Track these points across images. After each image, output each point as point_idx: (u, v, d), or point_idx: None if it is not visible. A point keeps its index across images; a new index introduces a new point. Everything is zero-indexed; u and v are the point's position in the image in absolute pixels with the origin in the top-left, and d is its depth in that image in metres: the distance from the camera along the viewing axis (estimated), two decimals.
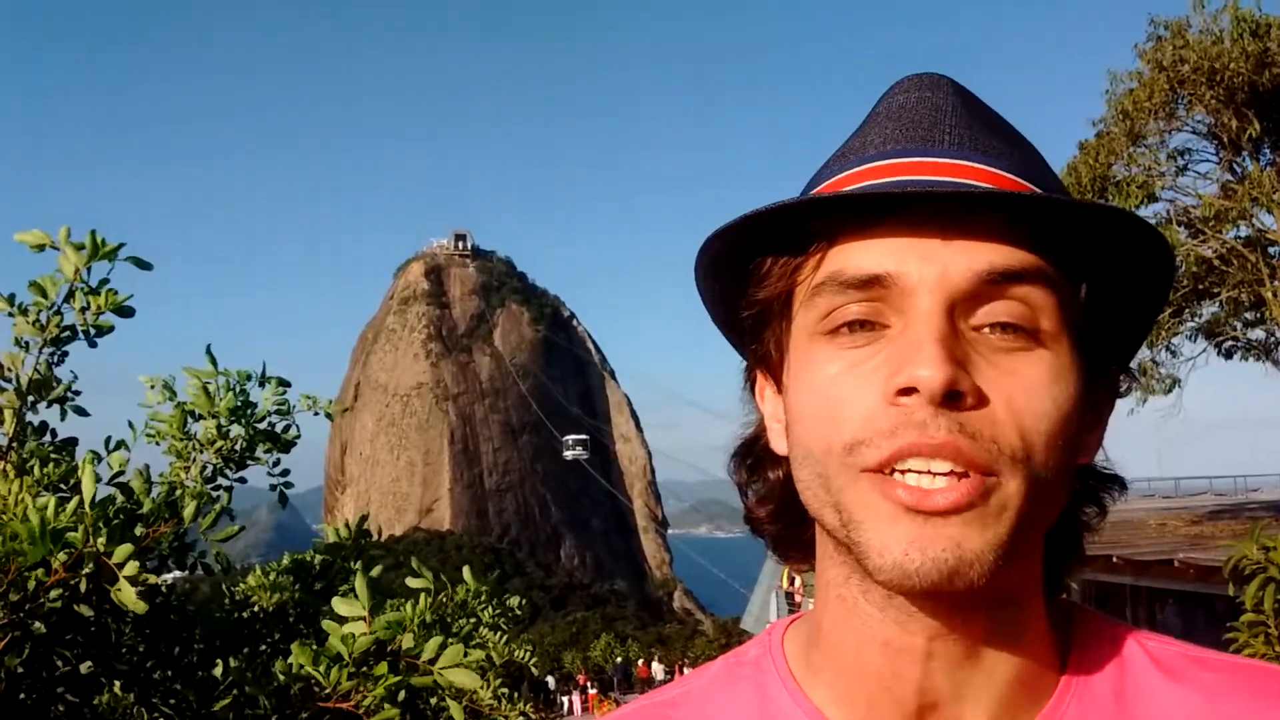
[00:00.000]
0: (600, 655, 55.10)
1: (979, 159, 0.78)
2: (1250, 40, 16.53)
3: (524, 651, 4.04)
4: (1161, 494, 33.89)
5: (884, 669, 0.80)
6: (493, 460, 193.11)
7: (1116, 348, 0.85)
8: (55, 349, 2.34)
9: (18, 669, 2.00)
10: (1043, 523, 0.78)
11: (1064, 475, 0.77)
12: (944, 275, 0.74)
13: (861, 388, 0.74)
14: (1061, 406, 0.75)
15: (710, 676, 0.94)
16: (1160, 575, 16.65)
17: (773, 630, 0.94)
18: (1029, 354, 0.75)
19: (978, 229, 0.75)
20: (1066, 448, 0.76)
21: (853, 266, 0.76)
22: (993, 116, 0.84)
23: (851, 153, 0.83)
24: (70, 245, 2.22)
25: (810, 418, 0.78)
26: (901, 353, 0.73)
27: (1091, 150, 18.03)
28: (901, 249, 0.75)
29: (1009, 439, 0.72)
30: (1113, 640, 0.86)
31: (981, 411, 0.72)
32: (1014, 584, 0.79)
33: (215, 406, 2.58)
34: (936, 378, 0.70)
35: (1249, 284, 17.51)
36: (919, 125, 0.81)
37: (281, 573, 2.91)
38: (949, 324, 0.74)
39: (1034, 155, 0.83)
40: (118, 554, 1.87)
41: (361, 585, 1.89)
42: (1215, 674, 0.84)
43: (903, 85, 0.86)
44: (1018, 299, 0.75)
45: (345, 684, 1.88)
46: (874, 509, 0.73)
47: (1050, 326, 0.76)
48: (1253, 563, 3.92)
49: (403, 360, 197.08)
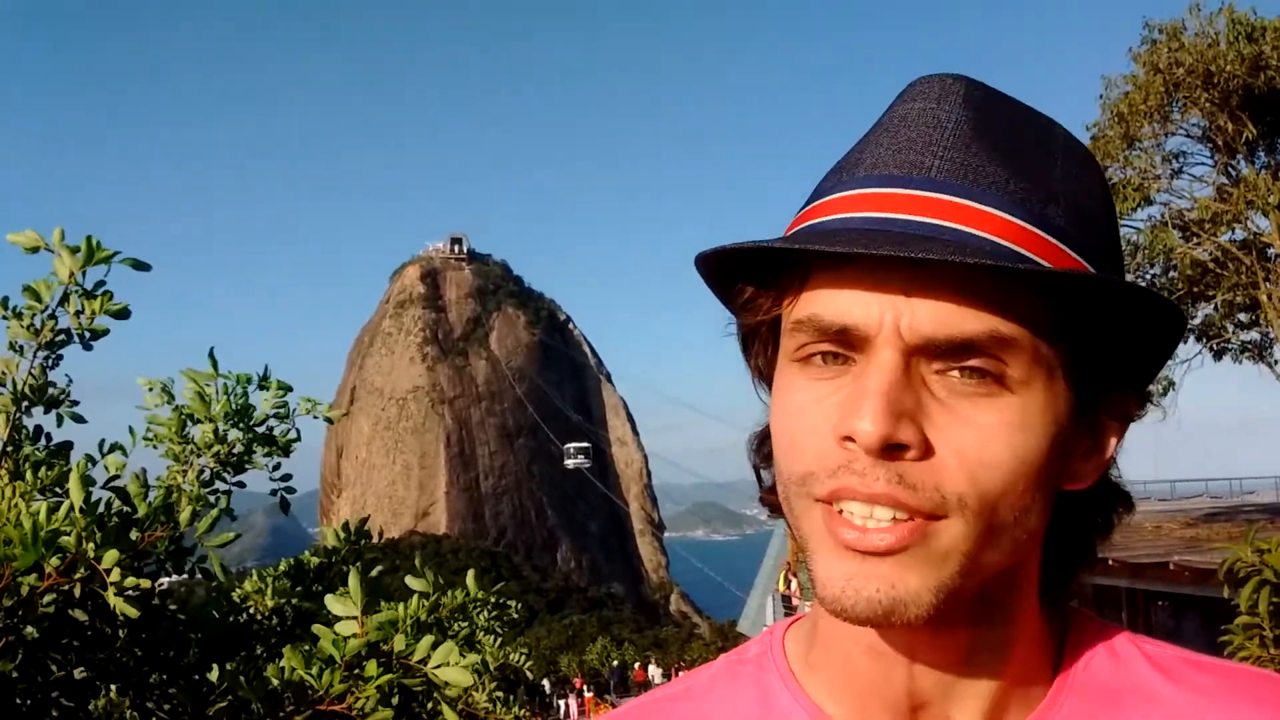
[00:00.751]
0: (596, 658, 55.06)
1: (966, 193, 0.75)
2: (1245, 43, 16.58)
3: (519, 655, 4.03)
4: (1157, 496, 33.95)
5: (873, 671, 0.82)
6: (489, 464, 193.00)
7: (1120, 379, 0.81)
8: (50, 353, 2.34)
9: (12, 674, 2.00)
10: (1000, 559, 0.77)
11: (1028, 514, 0.76)
12: (896, 329, 0.73)
13: (820, 423, 0.75)
14: (1021, 456, 0.74)
15: (712, 673, 0.95)
16: (1156, 578, 16.68)
17: (774, 630, 0.96)
18: (992, 400, 0.74)
19: (937, 284, 0.73)
20: (1030, 491, 0.75)
21: (828, 314, 0.76)
22: (1009, 128, 0.79)
23: (845, 169, 0.81)
24: (65, 248, 2.22)
25: (779, 444, 0.80)
26: (851, 399, 0.74)
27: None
28: (866, 297, 0.75)
29: (955, 487, 0.72)
30: (1108, 642, 0.87)
31: (926, 462, 0.72)
32: (1002, 595, 0.80)
33: (212, 411, 2.57)
34: (873, 434, 0.71)
35: (1244, 286, 17.57)
36: (912, 146, 0.77)
37: (279, 576, 2.90)
38: (902, 373, 0.73)
39: (1054, 175, 0.78)
40: (106, 560, 1.87)
41: (356, 584, 1.89)
42: (1212, 677, 0.84)
43: (910, 92, 0.82)
44: (980, 356, 0.73)
45: (338, 686, 1.88)
46: (822, 541, 0.76)
47: (1019, 374, 0.74)
48: (1248, 565, 3.92)
49: (399, 364, 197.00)
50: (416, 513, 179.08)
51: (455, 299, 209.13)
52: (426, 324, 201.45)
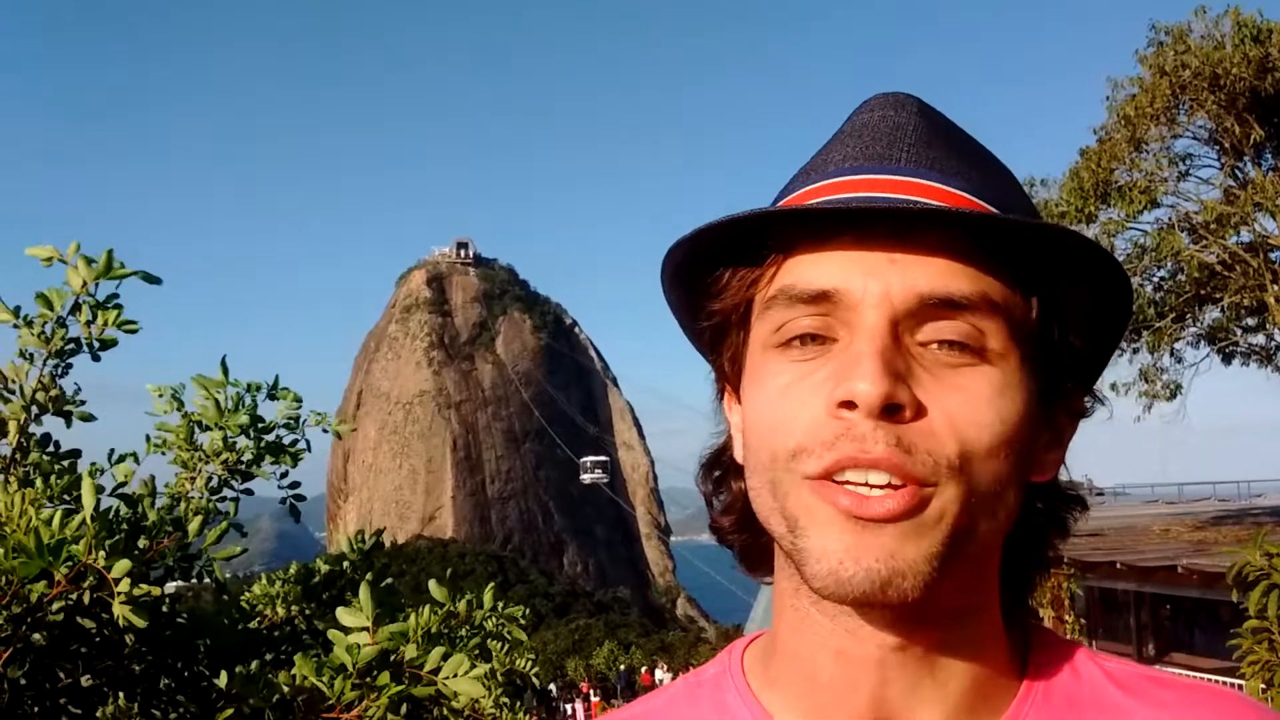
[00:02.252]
0: (603, 663, 54.98)
1: (934, 177, 0.79)
2: (1252, 45, 16.56)
3: (525, 661, 4.03)
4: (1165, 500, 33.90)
5: (838, 678, 0.81)
6: (495, 468, 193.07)
7: (1076, 367, 0.85)
8: (59, 361, 2.35)
9: (20, 681, 2.01)
10: (988, 535, 0.79)
11: (1008, 487, 0.78)
12: (887, 293, 0.75)
13: (808, 398, 0.76)
14: (1005, 419, 0.76)
15: (669, 695, 0.96)
16: (1164, 581, 16.64)
17: (733, 649, 0.96)
18: (974, 369, 0.76)
19: (924, 247, 0.76)
20: (1010, 460, 0.77)
21: (803, 281, 0.78)
22: (957, 136, 0.85)
23: (814, 169, 0.85)
24: (82, 259, 2.24)
25: (760, 427, 0.80)
26: (844, 366, 0.75)
27: (1093, 156, 18.04)
28: (849, 265, 0.77)
29: (946, 450, 0.74)
30: (1069, 657, 0.88)
31: (919, 424, 0.74)
32: (964, 597, 0.81)
33: (223, 419, 2.58)
34: (874, 392, 0.72)
35: (1251, 289, 17.52)
36: (878, 143, 0.82)
37: (287, 581, 2.90)
38: (891, 339, 0.75)
39: (997, 175, 0.85)
40: (116, 569, 1.87)
41: (366, 595, 1.89)
42: (1172, 692, 0.85)
43: (869, 104, 0.87)
44: (962, 319, 0.76)
45: (349, 695, 1.88)
46: (816, 514, 0.75)
47: (997, 345, 0.77)
48: (1256, 569, 3.92)
49: (405, 368, 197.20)
50: (423, 517, 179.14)
51: (461, 303, 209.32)
52: (432, 328, 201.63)
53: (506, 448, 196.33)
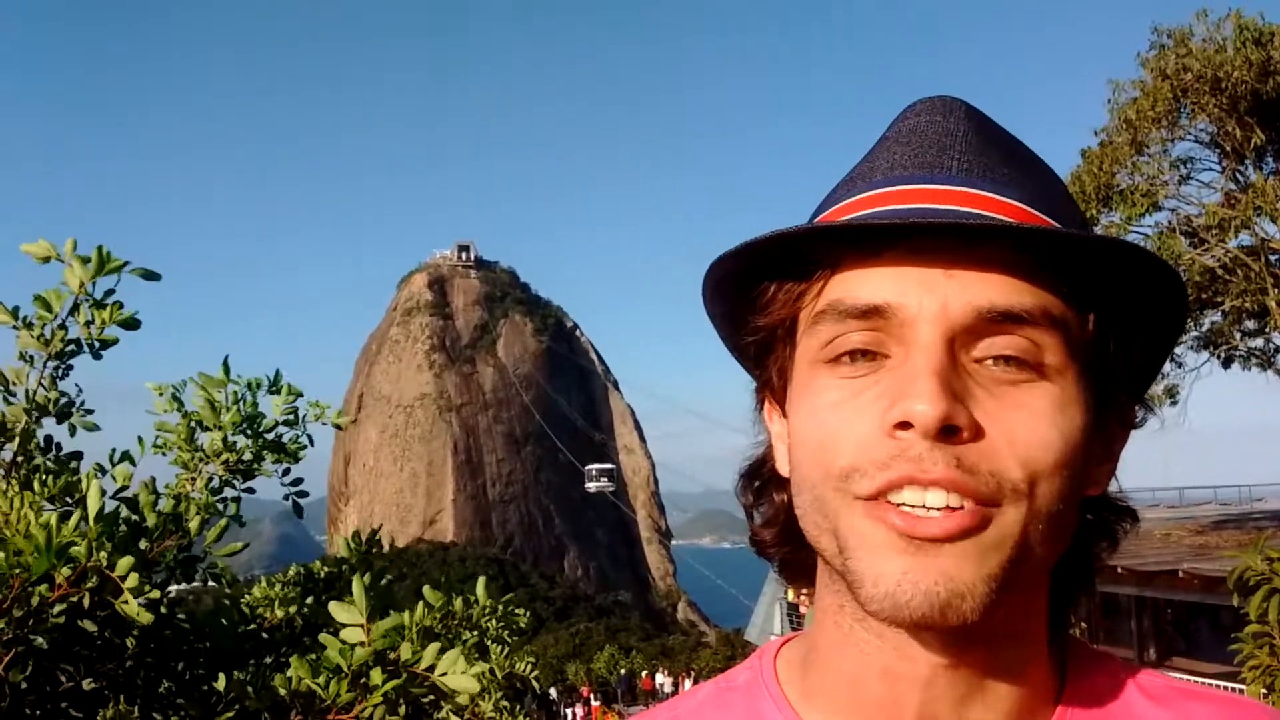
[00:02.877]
0: (604, 667, 54.90)
1: (988, 187, 0.77)
2: (1253, 49, 16.55)
3: (525, 665, 4.02)
4: (1166, 504, 33.85)
5: (883, 696, 0.79)
6: (496, 471, 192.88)
7: (1128, 379, 0.83)
8: (60, 363, 2.34)
9: (22, 684, 2.00)
10: (1047, 555, 0.76)
11: (1070, 507, 0.76)
12: (944, 308, 0.73)
13: (859, 417, 0.74)
14: (1068, 437, 0.74)
15: (699, 700, 0.93)
16: (1165, 586, 16.62)
17: (763, 654, 0.93)
18: (1032, 386, 0.74)
19: (981, 261, 0.74)
20: (1073, 478, 0.75)
21: (852, 296, 0.76)
22: (1007, 142, 0.83)
23: (859, 177, 0.82)
24: (77, 258, 2.22)
25: (809, 444, 0.77)
26: (899, 385, 0.72)
27: (1095, 159, 18.04)
28: (903, 279, 0.74)
29: (1010, 471, 0.71)
30: (1105, 671, 0.87)
31: (979, 444, 0.71)
32: (1018, 620, 0.79)
33: (220, 419, 2.58)
34: (931, 413, 0.69)
35: (1252, 293, 17.50)
36: (928, 150, 0.79)
37: (287, 584, 2.90)
38: (948, 356, 0.73)
39: (1049, 182, 0.82)
40: (120, 566, 1.87)
41: (359, 591, 1.87)
42: (1203, 705, 0.84)
43: (915, 109, 0.84)
44: (1021, 334, 0.74)
45: (345, 696, 1.87)
46: (868, 537, 0.73)
47: (1055, 360, 0.75)
48: (1257, 574, 3.91)
49: (406, 371, 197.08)
50: (424, 520, 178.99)
51: (462, 306, 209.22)
52: (434, 331, 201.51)
53: (507, 451, 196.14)
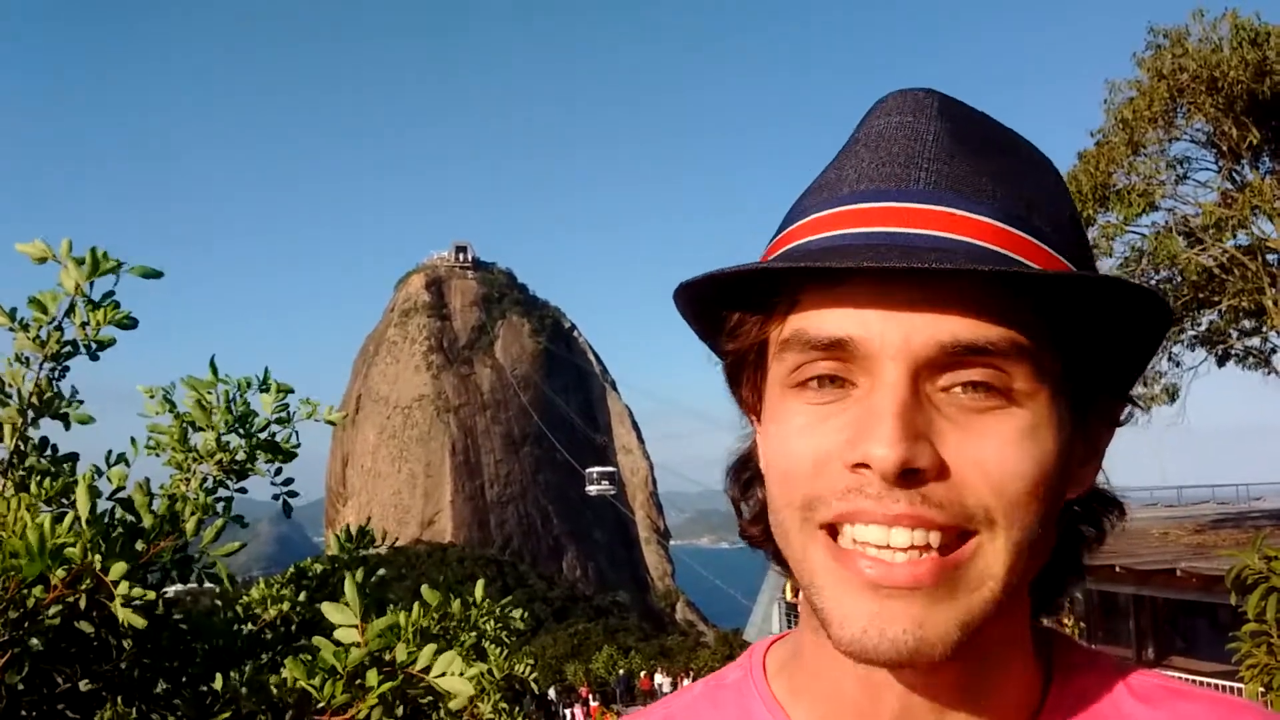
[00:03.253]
0: (602, 667, 54.89)
1: (958, 204, 0.73)
2: (1249, 48, 16.57)
3: (524, 666, 4.02)
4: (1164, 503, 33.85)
5: (861, 699, 0.80)
6: (494, 472, 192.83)
7: (1109, 382, 0.82)
8: (56, 364, 2.34)
9: (18, 686, 2.00)
10: (1028, 576, 0.76)
11: (1048, 527, 0.75)
12: (907, 342, 0.71)
13: (823, 444, 0.73)
14: (1040, 462, 0.72)
15: (692, 698, 0.94)
16: (1162, 585, 16.64)
17: (753, 652, 0.94)
18: (1001, 413, 0.72)
19: (944, 294, 0.71)
20: (1050, 500, 0.74)
21: (815, 328, 0.74)
22: (984, 139, 0.79)
23: (826, 187, 0.79)
24: (72, 259, 2.21)
25: (775, 470, 0.78)
26: (861, 422, 0.71)
27: (1091, 159, 18.05)
28: (865, 312, 0.72)
29: (982, 502, 0.70)
30: (1092, 668, 0.87)
31: (946, 482, 0.70)
32: (997, 637, 0.78)
33: (212, 420, 2.57)
34: (890, 458, 0.68)
35: (1249, 292, 17.52)
36: (895, 160, 0.76)
37: (283, 584, 2.90)
38: (911, 392, 0.71)
39: (1033, 181, 0.79)
40: (113, 572, 1.87)
41: (353, 590, 1.86)
42: (1194, 704, 0.84)
43: (884, 107, 0.81)
44: (988, 365, 0.72)
45: (340, 697, 1.87)
46: (834, 577, 0.73)
47: (1024, 386, 0.73)
48: (1255, 572, 3.91)
49: (404, 372, 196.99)
50: (422, 521, 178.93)
51: (460, 307, 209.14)
52: (431, 332, 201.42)
53: (505, 452, 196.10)
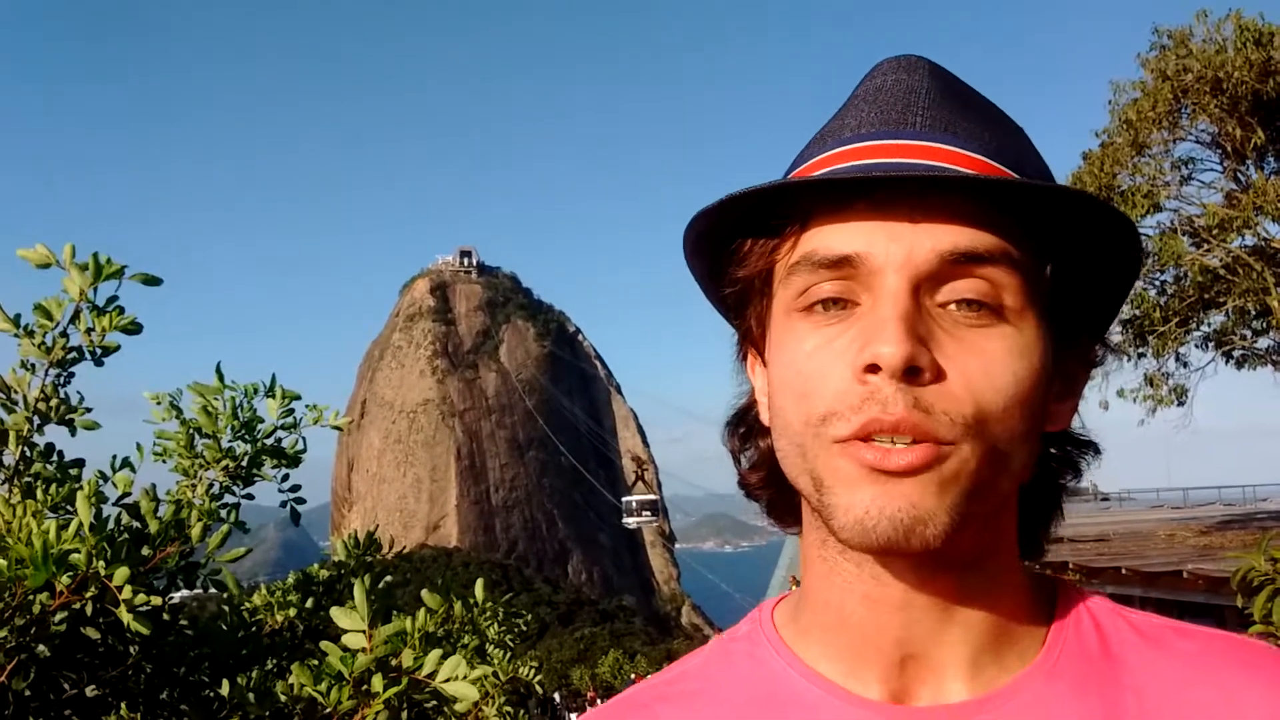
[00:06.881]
0: (609, 671, 54.88)
1: (950, 140, 0.81)
2: (1254, 49, 16.54)
3: (528, 670, 4.02)
4: (1170, 504, 33.81)
5: (865, 621, 0.85)
6: (499, 476, 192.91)
7: (1088, 320, 0.89)
8: (61, 370, 2.34)
9: (25, 692, 2.00)
10: (1005, 488, 0.82)
11: (1024, 444, 0.81)
12: (909, 255, 0.78)
13: (833, 363, 0.79)
14: (1022, 381, 0.79)
15: (706, 654, 0.98)
16: (1169, 586, 16.58)
17: (762, 608, 0.99)
18: (992, 329, 0.79)
19: (943, 211, 0.78)
20: (1026, 418, 0.80)
21: (824, 247, 0.80)
22: (970, 97, 0.87)
23: (829, 135, 0.87)
24: (75, 265, 2.21)
25: (787, 391, 0.82)
26: (868, 330, 0.77)
27: (1096, 160, 18.03)
28: (870, 230, 0.79)
29: (964, 411, 0.76)
30: (1095, 608, 0.91)
31: (939, 386, 0.76)
32: (983, 545, 0.84)
33: (217, 426, 2.57)
34: (897, 354, 0.74)
35: (1255, 292, 17.48)
36: (893, 108, 0.84)
37: (288, 590, 2.90)
38: (913, 302, 0.78)
39: (1012, 135, 0.87)
40: (117, 577, 1.87)
41: (361, 596, 1.87)
42: (1195, 642, 0.87)
43: (880, 68, 0.89)
44: (982, 277, 0.79)
45: (346, 703, 1.87)
46: (841, 473, 0.78)
47: (1014, 303, 0.79)
48: (1261, 574, 3.90)
49: (409, 377, 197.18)
50: (427, 526, 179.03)
51: (465, 311, 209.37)
52: (436, 337, 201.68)
53: (510, 456, 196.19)
